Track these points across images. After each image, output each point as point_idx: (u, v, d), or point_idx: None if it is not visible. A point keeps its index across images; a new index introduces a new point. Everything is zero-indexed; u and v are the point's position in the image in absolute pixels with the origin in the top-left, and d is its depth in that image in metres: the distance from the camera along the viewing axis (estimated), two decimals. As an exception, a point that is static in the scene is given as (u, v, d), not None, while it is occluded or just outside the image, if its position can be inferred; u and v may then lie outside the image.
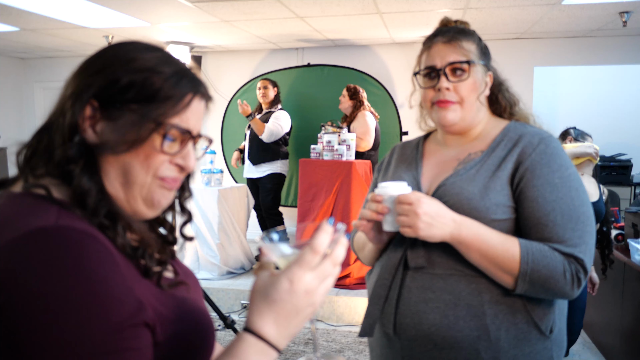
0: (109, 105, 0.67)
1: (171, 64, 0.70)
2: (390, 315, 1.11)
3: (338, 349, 3.23)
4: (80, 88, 0.67)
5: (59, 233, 0.58)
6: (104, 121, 0.67)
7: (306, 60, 5.73)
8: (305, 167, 4.12)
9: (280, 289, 0.60)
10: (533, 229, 1.05)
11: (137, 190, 0.68)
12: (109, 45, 0.72)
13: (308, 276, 0.60)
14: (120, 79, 0.67)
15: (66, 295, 0.55)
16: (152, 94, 0.67)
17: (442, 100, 1.14)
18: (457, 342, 1.05)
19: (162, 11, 4.11)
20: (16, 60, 6.65)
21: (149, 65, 0.68)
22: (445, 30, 1.17)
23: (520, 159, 1.09)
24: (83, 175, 0.65)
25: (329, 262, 0.62)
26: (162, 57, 0.71)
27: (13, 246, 0.57)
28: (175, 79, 0.69)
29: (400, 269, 1.12)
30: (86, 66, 0.70)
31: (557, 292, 1.03)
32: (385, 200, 1.06)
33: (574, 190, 1.06)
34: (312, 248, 0.61)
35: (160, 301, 0.65)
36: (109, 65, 0.68)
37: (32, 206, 0.62)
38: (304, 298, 0.60)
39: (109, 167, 0.68)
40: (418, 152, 1.27)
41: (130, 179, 0.68)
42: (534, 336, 1.06)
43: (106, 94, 0.66)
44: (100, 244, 0.60)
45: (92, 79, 0.67)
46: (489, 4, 3.85)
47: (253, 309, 0.61)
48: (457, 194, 1.08)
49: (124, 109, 0.67)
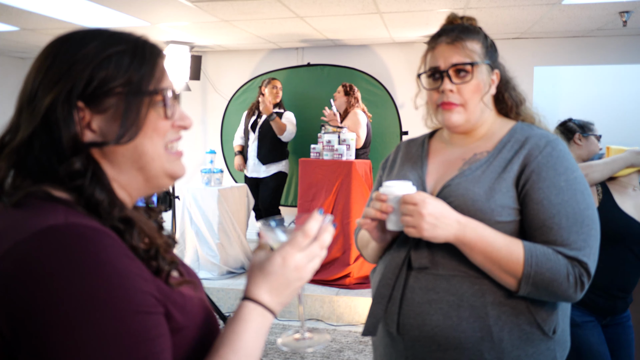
0: (93, 99, 0.66)
1: (127, 38, 0.70)
2: (394, 315, 1.11)
3: (338, 349, 3.23)
4: (57, 97, 0.64)
5: (71, 230, 0.58)
6: (95, 116, 0.66)
7: (306, 60, 5.73)
8: (305, 166, 4.12)
9: (274, 264, 0.70)
10: (538, 232, 1.05)
11: (156, 166, 0.70)
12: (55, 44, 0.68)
13: (298, 255, 0.70)
14: (95, 74, 0.65)
15: (89, 290, 0.55)
16: (130, 71, 0.67)
17: (446, 103, 1.14)
18: (461, 342, 1.05)
19: (162, 11, 4.11)
20: (16, 60, 6.65)
21: (114, 50, 0.67)
22: (450, 30, 1.15)
23: (527, 161, 1.08)
24: (94, 187, 0.65)
25: (317, 245, 0.72)
26: (115, 35, 0.70)
27: (25, 247, 0.56)
28: (141, 49, 0.70)
29: (404, 269, 1.12)
30: (45, 73, 0.66)
31: (560, 295, 1.02)
32: (389, 199, 1.06)
33: (580, 194, 1.05)
34: (304, 232, 0.71)
35: (169, 299, 0.65)
36: (74, 65, 0.65)
37: (37, 207, 0.62)
38: (294, 272, 0.70)
39: (119, 158, 0.68)
40: (423, 150, 1.26)
41: (146, 158, 0.69)
42: (537, 337, 1.06)
43: (86, 92, 0.65)
44: (113, 239, 0.61)
45: (66, 84, 0.65)
46: (488, 4, 3.85)
47: (251, 280, 0.71)
48: (463, 195, 1.08)
49: (110, 97, 0.66)
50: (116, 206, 0.66)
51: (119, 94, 0.66)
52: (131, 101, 0.67)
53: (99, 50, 0.67)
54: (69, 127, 0.64)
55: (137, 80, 0.68)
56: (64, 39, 0.68)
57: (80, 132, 0.65)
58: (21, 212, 0.61)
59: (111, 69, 0.66)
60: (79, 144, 0.65)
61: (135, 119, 0.67)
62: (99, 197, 0.65)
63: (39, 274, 0.55)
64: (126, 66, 0.67)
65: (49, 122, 0.64)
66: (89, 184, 0.65)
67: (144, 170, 0.70)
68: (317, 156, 4.14)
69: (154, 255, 0.67)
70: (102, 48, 0.67)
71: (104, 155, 0.67)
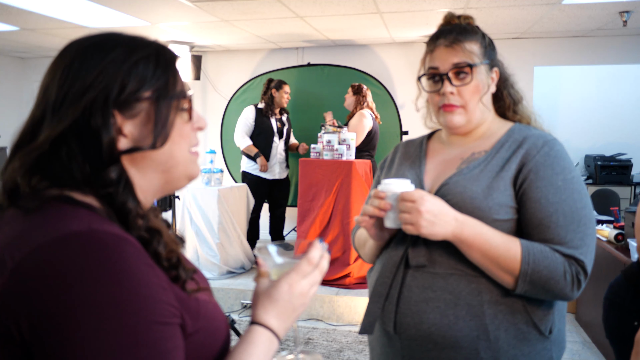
0: (124, 105, 0.66)
1: (146, 42, 0.71)
2: (391, 314, 1.11)
3: (338, 349, 3.23)
4: (93, 103, 0.64)
5: (94, 237, 0.58)
6: (126, 122, 0.66)
7: (306, 59, 5.73)
8: (305, 166, 4.12)
9: (281, 290, 0.73)
10: (535, 230, 1.05)
11: (180, 169, 0.72)
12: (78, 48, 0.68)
13: (303, 281, 0.74)
14: (127, 80, 0.66)
15: (108, 299, 0.55)
16: (157, 76, 0.68)
17: (448, 105, 1.15)
18: (457, 341, 1.05)
19: (162, 11, 4.11)
20: (16, 60, 6.65)
21: (140, 55, 0.68)
22: (448, 32, 1.16)
23: (524, 160, 1.09)
24: (127, 197, 0.65)
25: (318, 272, 0.76)
26: (135, 40, 0.70)
27: (47, 251, 0.56)
28: (162, 54, 0.70)
29: (401, 267, 1.12)
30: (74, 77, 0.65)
31: (557, 293, 1.03)
32: (387, 197, 1.07)
33: (577, 193, 1.06)
34: (308, 260, 0.75)
35: (185, 306, 0.65)
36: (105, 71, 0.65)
37: (59, 211, 0.61)
38: (299, 298, 0.74)
39: (146, 162, 0.68)
40: (422, 150, 1.27)
41: (173, 162, 0.70)
42: (534, 336, 1.06)
43: (120, 98, 0.65)
44: (134, 247, 0.61)
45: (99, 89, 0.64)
46: (488, 4, 3.85)
47: (258, 306, 0.74)
48: (460, 193, 1.08)
49: (140, 102, 0.67)
50: (144, 216, 0.66)
51: (148, 98, 0.67)
52: (161, 106, 0.68)
53: (126, 55, 0.67)
54: (108, 132, 0.64)
55: (164, 85, 0.69)
56: (86, 44, 0.68)
57: (116, 138, 0.65)
58: (42, 215, 0.61)
59: (140, 75, 0.67)
60: (115, 150, 0.65)
61: (166, 123, 0.68)
62: (131, 206, 0.65)
63: (59, 279, 0.55)
64: (152, 71, 0.68)
65: (80, 127, 0.64)
66: (121, 193, 0.65)
67: (167, 173, 0.71)
68: (317, 156, 4.14)
69: (176, 264, 0.67)
70: (128, 53, 0.67)
71: (132, 160, 0.68)
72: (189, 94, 0.72)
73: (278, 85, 4.79)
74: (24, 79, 6.73)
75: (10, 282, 0.56)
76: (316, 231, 4.00)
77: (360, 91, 4.67)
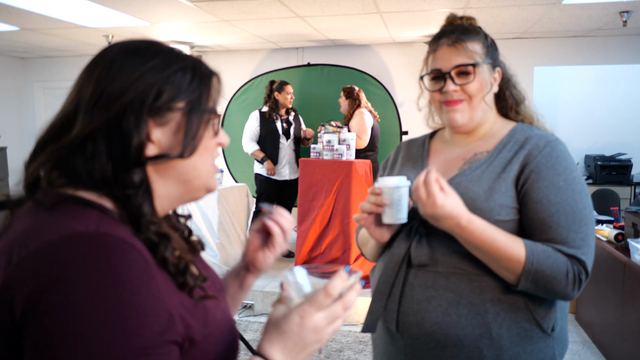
0: (157, 112, 0.67)
1: (184, 55, 0.72)
2: (393, 313, 1.12)
3: (338, 349, 3.24)
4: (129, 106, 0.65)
5: (100, 240, 0.58)
6: (155, 129, 0.67)
7: (306, 59, 5.73)
8: (305, 166, 4.12)
9: (291, 322, 0.65)
10: (536, 230, 1.06)
11: (201, 181, 0.73)
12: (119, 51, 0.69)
13: (318, 315, 0.66)
14: (163, 88, 0.67)
15: (102, 304, 0.55)
16: (192, 88, 0.70)
17: (451, 101, 1.15)
18: (460, 340, 1.05)
19: (162, 11, 4.11)
20: (16, 60, 6.65)
21: (178, 66, 0.69)
22: (450, 32, 1.16)
23: (526, 161, 1.09)
24: (143, 201, 0.66)
25: (340, 305, 0.67)
26: (174, 51, 0.71)
27: (52, 249, 0.57)
28: (199, 68, 0.71)
29: (403, 266, 1.13)
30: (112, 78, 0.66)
31: (558, 292, 1.03)
32: (384, 192, 1.07)
33: (578, 194, 1.06)
34: (326, 290, 0.66)
35: (191, 313, 0.65)
36: (143, 76, 0.66)
37: (69, 210, 0.62)
38: (311, 334, 0.65)
39: (169, 171, 0.69)
40: (424, 150, 1.27)
41: (195, 173, 0.71)
42: (536, 334, 1.07)
43: (154, 104, 0.66)
44: (139, 253, 0.60)
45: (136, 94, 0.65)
46: (488, 4, 3.85)
47: (265, 336, 0.67)
48: (462, 194, 1.08)
49: (172, 112, 0.68)
50: (156, 222, 0.66)
51: (180, 109, 0.68)
52: (193, 118, 0.69)
53: (166, 64, 0.68)
54: (139, 136, 0.65)
55: (197, 98, 0.70)
56: (128, 48, 0.69)
57: (144, 143, 0.66)
58: (53, 214, 0.61)
59: (177, 85, 0.68)
60: (142, 154, 0.66)
61: (195, 135, 0.69)
62: (146, 210, 0.65)
63: (54, 279, 0.55)
64: (188, 83, 0.69)
65: (111, 127, 0.64)
66: (140, 196, 0.65)
67: (187, 184, 0.72)
68: (317, 156, 4.14)
69: (183, 270, 0.67)
70: (167, 63, 0.69)
71: (156, 167, 0.68)
72: (219, 111, 0.74)
73: (279, 87, 4.78)
74: (24, 79, 6.73)
75: (12, 277, 0.57)
76: (316, 231, 4.00)
77: (352, 93, 4.67)
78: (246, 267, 0.95)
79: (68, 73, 6.41)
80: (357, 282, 0.69)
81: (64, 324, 0.54)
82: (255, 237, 0.94)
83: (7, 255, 0.58)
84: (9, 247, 0.59)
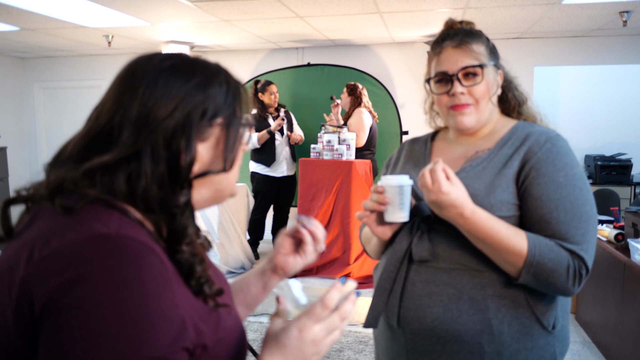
0: (200, 129, 0.68)
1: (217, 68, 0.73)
2: (395, 308, 1.12)
3: (338, 349, 3.24)
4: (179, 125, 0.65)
5: (121, 242, 0.59)
6: (199, 145, 0.68)
7: (306, 59, 5.73)
8: (305, 166, 4.12)
9: (290, 336, 0.67)
10: (536, 226, 1.06)
11: (229, 189, 0.75)
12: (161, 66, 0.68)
13: (316, 327, 0.67)
14: (208, 105, 0.68)
15: (119, 307, 0.56)
16: (228, 103, 0.71)
17: (458, 105, 1.15)
18: (460, 335, 1.06)
19: (162, 11, 4.11)
20: (16, 60, 6.65)
21: (217, 81, 0.70)
22: (453, 34, 1.16)
23: (527, 157, 1.09)
24: (189, 221, 0.67)
25: (337, 316, 0.69)
26: (210, 65, 0.72)
27: (74, 248, 0.58)
28: (232, 82, 0.73)
29: (405, 262, 1.13)
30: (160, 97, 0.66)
31: (558, 286, 1.03)
32: (386, 191, 1.08)
33: (578, 189, 1.07)
34: (323, 303, 0.68)
35: (204, 319, 0.65)
36: (190, 94, 0.67)
37: (94, 211, 0.62)
38: (310, 346, 0.67)
39: (207, 182, 0.70)
40: (427, 149, 1.28)
41: (227, 182, 0.73)
42: (537, 331, 1.07)
43: (200, 123, 0.67)
44: (157, 257, 0.61)
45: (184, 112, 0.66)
46: (489, 4, 3.85)
47: (265, 349, 0.68)
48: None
49: (213, 127, 0.69)
50: (192, 243, 0.67)
51: (220, 124, 0.70)
52: (231, 131, 0.70)
53: (207, 81, 0.69)
54: (190, 156, 0.65)
55: (233, 112, 0.71)
56: (166, 65, 0.69)
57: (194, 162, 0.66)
58: (76, 214, 0.62)
59: (217, 101, 0.69)
60: (189, 174, 0.66)
61: (234, 148, 0.71)
62: (190, 232, 0.67)
63: (75, 277, 0.56)
64: (224, 98, 0.70)
65: (160, 149, 0.64)
66: (186, 217, 0.66)
67: (218, 192, 0.73)
68: (317, 156, 4.15)
69: (204, 282, 0.67)
70: (208, 79, 0.70)
71: (196, 181, 0.69)
72: (250, 121, 0.75)
73: (262, 88, 4.82)
74: (24, 79, 6.73)
75: (33, 272, 0.57)
76: (316, 231, 4.00)
77: (355, 91, 4.67)
78: (274, 268, 0.95)
79: (68, 73, 6.41)
80: (352, 292, 0.71)
81: (81, 323, 0.55)
82: (287, 241, 0.95)
83: (29, 251, 0.59)
84: (31, 243, 0.59)
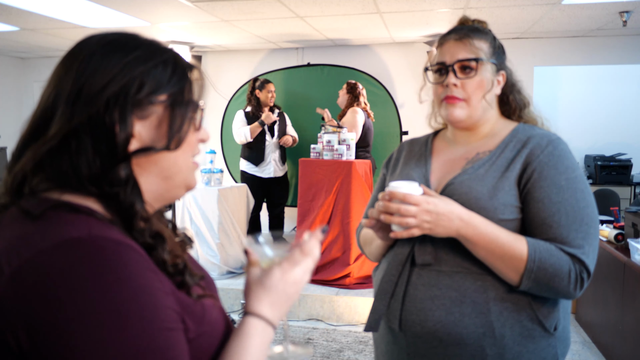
0: (138, 105, 0.65)
1: (164, 48, 0.70)
2: (396, 311, 1.12)
3: (338, 349, 3.23)
4: (112, 98, 0.62)
5: (95, 243, 0.56)
6: (137, 122, 0.65)
7: (306, 60, 5.73)
8: (305, 166, 4.12)
9: (274, 279, 0.72)
10: (538, 229, 1.06)
11: (181, 177, 0.71)
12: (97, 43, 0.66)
13: (296, 269, 0.73)
14: (146, 80, 0.65)
15: (111, 306, 0.54)
16: (173, 81, 0.68)
17: (450, 97, 1.16)
18: (463, 338, 1.06)
19: (162, 11, 4.11)
20: (16, 60, 6.65)
21: (160, 59, 0.67)
22: (460, 29, 1.19)
23: (528, 160, 1.10)
24: (134, 198, 0.64)
25: (310, 259, 0.75)
26: (154, 44, 0.69)
27: (46, 258, 0.54)
28: (180, 61, 0.70)
29: (407, 265, 1.13)
30: (93, 72, 0.63)
31: (560, 291, 1.03)
32: (395, 202, 1.06)
33: (580, 192, 1.07)
34: (302, 249, 0.74)
35: (188, 312, 0.65)
36: (126, 68, 0.64)
37: (58, 217, 0.59)
38: (292, 286, 0.73)
39: (150, 167, 0.67)
40: (427, 149, 1.28)
41: (175, 169, 0.69)
42: (538, 333, 1.07)
43: (136, 97, 0.64)
44: (136, 252, 0.59)
45: (119, 86, 0.63)
46: (488, 4, 3.85)
47: (251, 296, 0.72)
48: (466, 193, 1.09)
49: (154, 105, 0.66)
50: (148, 219, 0.65)
51: (162, 102, 0.66)
52: (176, 111, 0.67)
53: (146, 57, 0.66)
54: (125, 130, 0.62)
55: (179, 92, 0.68)
56: (107, 40, 0.67)
57: (130, 137, 0.64)
58: (42, 221, 0.59)
59: (158, 78, 0.66)
60: (127, 148, 0.63)
61: (180, 128, 0.67)
62: (138, 208, 0.64)
63: (58, 287, 0.53)
64: (169, 76, 0.67)
65: (95, 122, 0.62)
66: (129, 194, 0.63)
67: (168, 180, 0.69)
68: (317, 156, 4.14)
69: (181, 270, 0.66)
70: (148, 55, 0.67)
71: (137, 162, 0.66)
72: (201, 104, 0.72)
73: (261, 85, 4.84)
74: (24, 79, 6.72)
75: (7, 290, 0.54)
76: (316, 231, 4.01)
77: (354, 90, 4.68)
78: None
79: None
80: (319, 232, 0.77)
81: (82, 332, 0.52)
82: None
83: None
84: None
